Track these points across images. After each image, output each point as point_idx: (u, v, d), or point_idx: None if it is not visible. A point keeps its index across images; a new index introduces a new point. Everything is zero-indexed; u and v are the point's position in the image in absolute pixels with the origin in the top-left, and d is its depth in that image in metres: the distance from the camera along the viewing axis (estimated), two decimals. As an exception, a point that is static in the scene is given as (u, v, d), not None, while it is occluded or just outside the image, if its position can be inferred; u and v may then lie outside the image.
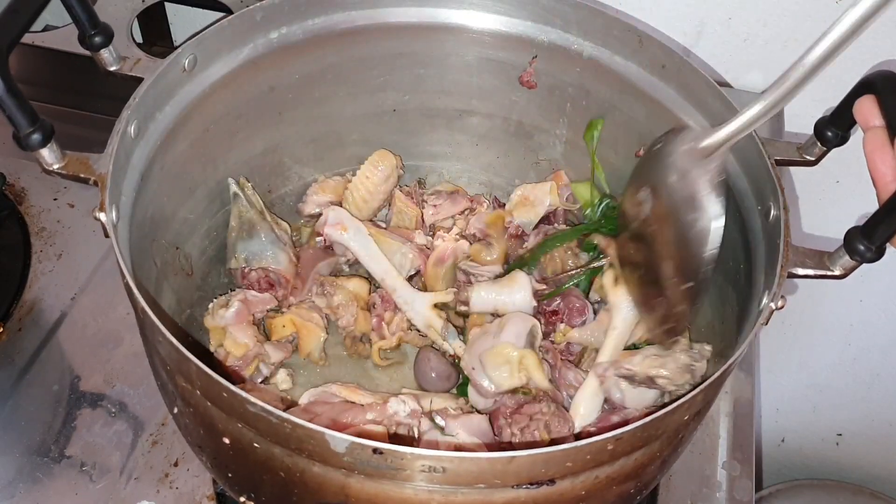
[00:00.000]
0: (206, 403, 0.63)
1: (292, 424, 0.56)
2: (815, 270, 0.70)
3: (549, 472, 0.59)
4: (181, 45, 0.80)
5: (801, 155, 0.79)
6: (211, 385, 0.59)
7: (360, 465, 0.58)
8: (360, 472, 0.59)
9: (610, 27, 0.88)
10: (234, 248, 0.91)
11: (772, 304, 0.67)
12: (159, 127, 0.79)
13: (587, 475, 0.61)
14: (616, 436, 0.58)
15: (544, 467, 0.58)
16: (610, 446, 0.59)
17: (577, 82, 0.93)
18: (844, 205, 1.16)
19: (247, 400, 0.57)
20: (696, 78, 0.83)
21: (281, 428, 0.57)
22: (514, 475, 0.58)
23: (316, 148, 1.00)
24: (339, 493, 0.62)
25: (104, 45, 0.77)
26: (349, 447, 0.56)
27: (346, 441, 0.56)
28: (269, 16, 0.85)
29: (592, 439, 0.57)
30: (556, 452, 0.57)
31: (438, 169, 1.06)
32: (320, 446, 0.57)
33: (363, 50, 0.93)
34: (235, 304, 0.84)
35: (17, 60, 0.76)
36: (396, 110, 1.00)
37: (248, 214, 0.91)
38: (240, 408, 0.58)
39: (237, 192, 0.92)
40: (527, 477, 0.59)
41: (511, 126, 1.00)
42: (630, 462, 0.63)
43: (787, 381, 1.51)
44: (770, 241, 0.73)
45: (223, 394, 0.59)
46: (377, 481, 0.60)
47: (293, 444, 0.59)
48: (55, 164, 0.69)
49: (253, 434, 0.61)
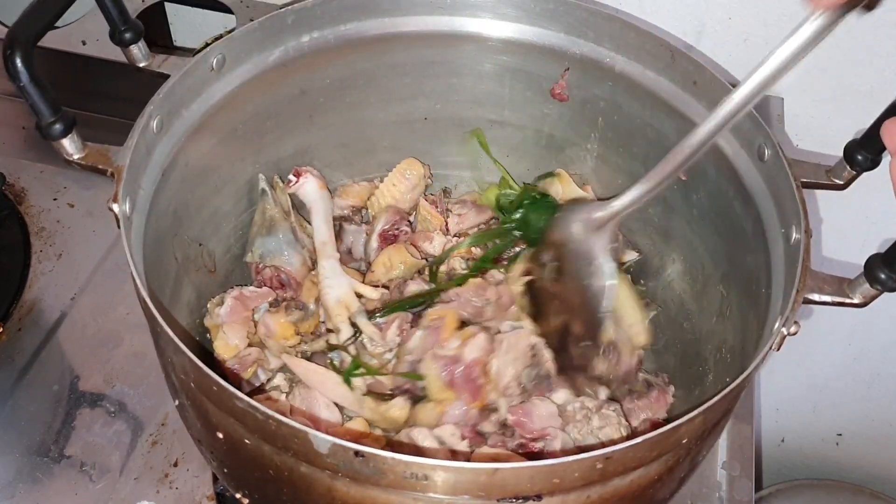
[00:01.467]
0: (201, 397, 0.63)
1: (277, 422, 0.56)
2: (833, 297, 0.67)
3: (534, 487, 0.57)
4: (210, 44, 0.81)
5: (830, 178, 0.77)
6: (202, 378, 0.60)
7: (345, 468, 0.57)
8: (345, 475, 0.58)
9: (642, 41, 0.86)
10: (252, 242, 0.92)
11: (784, 330, 0.64)
12: (185, 123, 0.81)
13: (578, 494, 0.60)
14: (605, 454, 0.56)
15: (530, 482, 0.57)
16: (599, 465, 0.57)
17: (608, 96, 0.92)
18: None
19: (234, 395, 0.57)
20: (725, 95, 0.81)
21: (266, 425, 0.57)
22: (499, 488, 0.57)
23: (346, 152, 1.00)
24: (326, 494, 0.61)
25: (134, 41, 0.79)
26: (332, 448, 0.56)
27: (329, 442, 0.55)
28: (300, 19, 0.86)
29: (579, 456, 0.55)
30: (541, 467, 0.56)
31: (467, 179, 1.05)
32: (304, 446, 0.57)
33: (395, 57, 0.94)
34: (229, 300, 0.85)
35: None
36: (427, 118, 1.00)
37: (272, 212, 0.91)
38: (229, 402, 0.59)
39: (265, 188, 0.93)
40: (512, 490, 0.57)
41: (542, 139, 1.00)
42: (625, 483, 0.62)
43: (787, 381, 1.49)
44: (790, 265, 0.71)
45: (213, 388, 0.59)
46: (362, 486, 0.59)
47: (279, 441, 0.59)
48: (76, 155, 0.71)
49: (243, 430, 0.61)
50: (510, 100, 0.97)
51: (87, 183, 1.10)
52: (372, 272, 0.93)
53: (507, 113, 0.99)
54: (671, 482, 0.68)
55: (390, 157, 1.00)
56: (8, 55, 0.64)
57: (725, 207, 0.84)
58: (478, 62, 0.95)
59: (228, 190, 0.91)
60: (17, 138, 1.15)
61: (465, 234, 0.98)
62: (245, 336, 0.85)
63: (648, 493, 0.66)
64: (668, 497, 0.72)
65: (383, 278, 0.92)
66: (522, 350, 0.83)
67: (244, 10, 1.18)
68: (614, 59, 0.89)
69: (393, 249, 0.93)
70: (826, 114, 1.12)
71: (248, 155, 0.92)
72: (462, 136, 1.01)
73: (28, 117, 1.10)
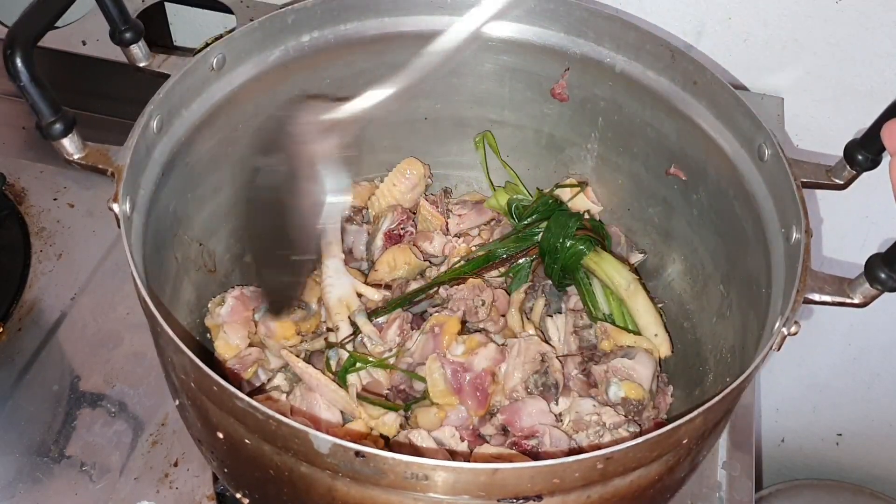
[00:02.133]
0: (201, 397, 0.63)
1: (277, 422, 0.56)
2: (833, 297, 0.67)
3: (535, 488, 0.57)
4: (211, 44, 0.81)
5: (830, 178, 0.76)
6: (203, 378, 0.60)
7: (345, 468, 0.57)
8: (346, 475, 0.58)
9: (643, 41, 0.86)
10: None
11: (784, 330, 0.64)
12: (185, 123, 0.81)
13: (578, 494, 0.60)
14: (606, 454, 0.56)
15: (530, 482, 0.57)
16: (600, 465, 0.57)
17: (609, 96, 0.92)
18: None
19: (234, 395, 0.57)
20: (725, 95, 0.81)
21: (267, 425, 0.57)
22: (500, 488, 0.57)
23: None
24: (327, 495, 0.61)
25: (134, 40, 0.79)
26: (332, 448, 0.56)
27: (329, 442, 0.55)
28: (300, 19, 0.86)
29: (580, 456, 0.55)
30: (541, 467, 0.56)
31: (468, 179, 1.05)
32: (304, 446, 0.57)
33: (395, 56, 0.93)
34: (230, 300, 0.85)
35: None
36: (428, 118, 1.00)
37: None
38: (229, 402, 0.59)
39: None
40: (512, 491, 0.57)
41: (542, 138, 0.99)
42: (625, 483, 0.62)
43: (787, 381, 1.49)
44: (790, 265, 0.71)
45: (213, 388, 0.59)
46: (363, 486, 0.59)
47: (279, 441, 0.58)
48: (76, 155, 0.71)
49: (243, 430, 0.61)
50: (510, 99, 0.97)
51: (87, 183, 1.10)
52: (375, 271, 0.93)
53: (508, 113, 0.99)
54: (671, 482, 0.68)
55: (390, 156, 1.00)
56: (8, 55, 0.64)
57: (725, 207, 0.84)
58: (478, 62, 0.95)
59: (229, 189, 0.91)
60: (17, 138, 1.15)
61: (466, 234, 0.98)
62: (246, 336, 0.85)
63: (649, 493, 0.66)
64: (669, 497, 0.72)
65: (387, 277, 0.92)
66: (532, 356, 0.83)
67: (244, 10, 1.18)
68: (614, 58, 0.89)
69: (398, 249, 0.93)
70: (826, 114, 1.12)
71: (249, 155, 0.92)
72: (463, 136, 1.01)
73: (28, 117, 1.11)
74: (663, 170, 0.91)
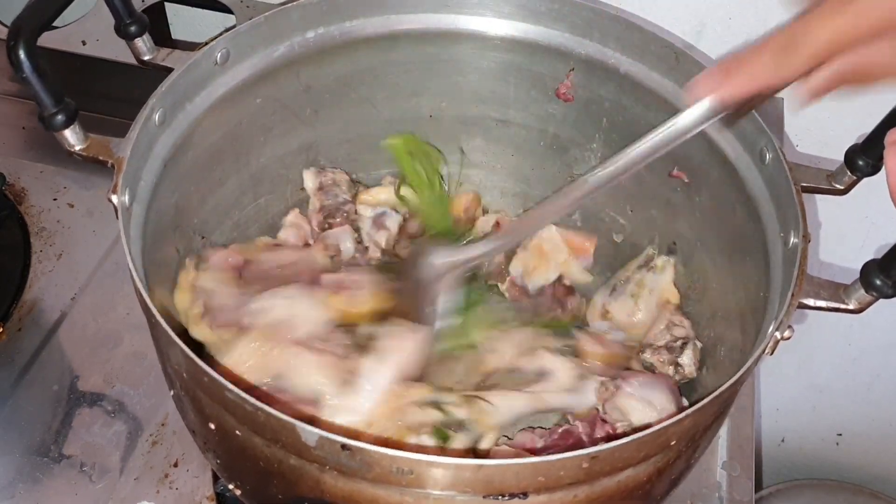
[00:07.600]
0: (194, 387, 0.64)
1: (266, 414, 0.57)
2: (828, 303, 0.67)
3: (520, 485, 0.57)
4: (215, 38, 0.82)
5: (831, 183, 0.76)
6: (194, 369, 0.60)
7: (332, 461, 0.58)
8: (333, 468, 0.59)
9: (647, 42, 0.86)
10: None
11: (777, 334, 0.64)
12: (189, 117, 0.81)
13: (564, 493, 0.60)
14: (591, 454, 0.56)
15: (515, 479, 0.57)
16: (585, 464, 0.57)
17: (613, 97, 0.92)
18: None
19: (224, 386, 0.58)
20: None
21: (256, 416, 0.58)
22: (485, 484, 0.57)
23: (351, 149, 1.00)
24: (315, 487, 0.62)
25: (139, 34, 0.79)
26: (319, 441, 0.56)
27: (316, 434, 0.56)
28: (306, 15, 0.87)
29: (564, 455, 0.56)
30: (525, 465, 0.56)
31: (472, 178, 1.05)
32: (292, 437, 0.57)
33: (401, 54, 0.94)
34: None
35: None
36: (432, 116, 1.00)
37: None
38: (219, 393, 0.59)
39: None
40: (498, 487, 0.57)
41: (547, 138, 0.99)
42: (613, 484, 0.62)
43: (787, 382, 1.49)
44: (787, 269, 0.70)
45: (204, 378, 0.59)
46: (350, 479, 0.59)
47: (269, 433, 0.59)
48: (77, 146, 0.71)
49: (234, 421, 0.62)
50: (515, 99, 0.97)
51: (87, 183, 1.10)
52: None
53: (512, 112, 0.99)
54: (662, 484, 0.68)
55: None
56: (11, 46, 0.65)
57: (727, 210, 0.84)
58: (483, 60, 0.95)
59: (232, 183, 0.92)
60: (17, 138, 1.14)
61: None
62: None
63: (638, 494, 0.65)
64: (661, 498, 0.72)
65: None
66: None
67: (244, 10, 1.19)
68: (619, 59, 0.89)
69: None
70: (826, 116, 1.11)
71: (253, 148, 0.93)
72: (467, 135, 1.01)
73: (28, 117, 1.12)
74: (666, 171, 0.91)
